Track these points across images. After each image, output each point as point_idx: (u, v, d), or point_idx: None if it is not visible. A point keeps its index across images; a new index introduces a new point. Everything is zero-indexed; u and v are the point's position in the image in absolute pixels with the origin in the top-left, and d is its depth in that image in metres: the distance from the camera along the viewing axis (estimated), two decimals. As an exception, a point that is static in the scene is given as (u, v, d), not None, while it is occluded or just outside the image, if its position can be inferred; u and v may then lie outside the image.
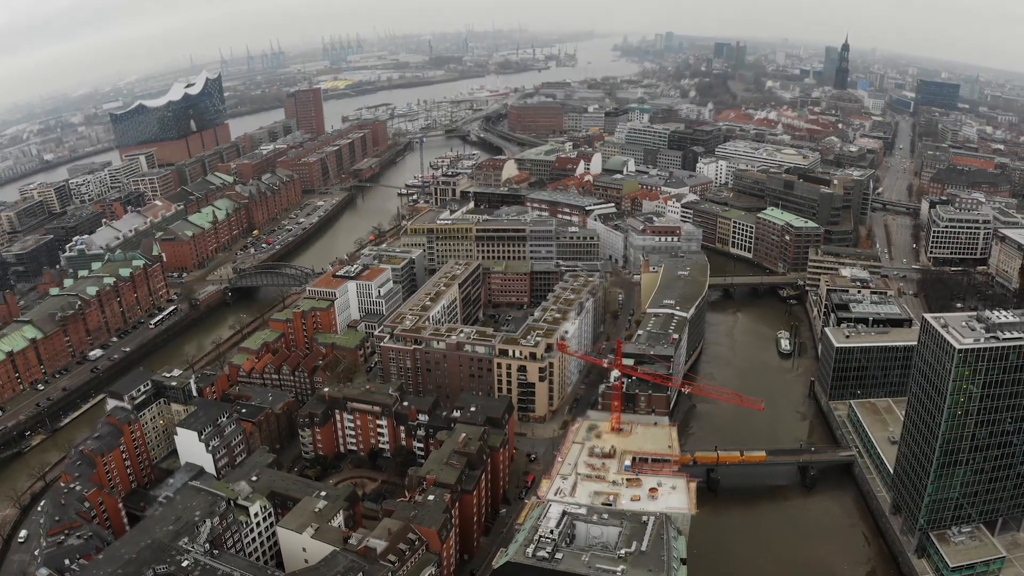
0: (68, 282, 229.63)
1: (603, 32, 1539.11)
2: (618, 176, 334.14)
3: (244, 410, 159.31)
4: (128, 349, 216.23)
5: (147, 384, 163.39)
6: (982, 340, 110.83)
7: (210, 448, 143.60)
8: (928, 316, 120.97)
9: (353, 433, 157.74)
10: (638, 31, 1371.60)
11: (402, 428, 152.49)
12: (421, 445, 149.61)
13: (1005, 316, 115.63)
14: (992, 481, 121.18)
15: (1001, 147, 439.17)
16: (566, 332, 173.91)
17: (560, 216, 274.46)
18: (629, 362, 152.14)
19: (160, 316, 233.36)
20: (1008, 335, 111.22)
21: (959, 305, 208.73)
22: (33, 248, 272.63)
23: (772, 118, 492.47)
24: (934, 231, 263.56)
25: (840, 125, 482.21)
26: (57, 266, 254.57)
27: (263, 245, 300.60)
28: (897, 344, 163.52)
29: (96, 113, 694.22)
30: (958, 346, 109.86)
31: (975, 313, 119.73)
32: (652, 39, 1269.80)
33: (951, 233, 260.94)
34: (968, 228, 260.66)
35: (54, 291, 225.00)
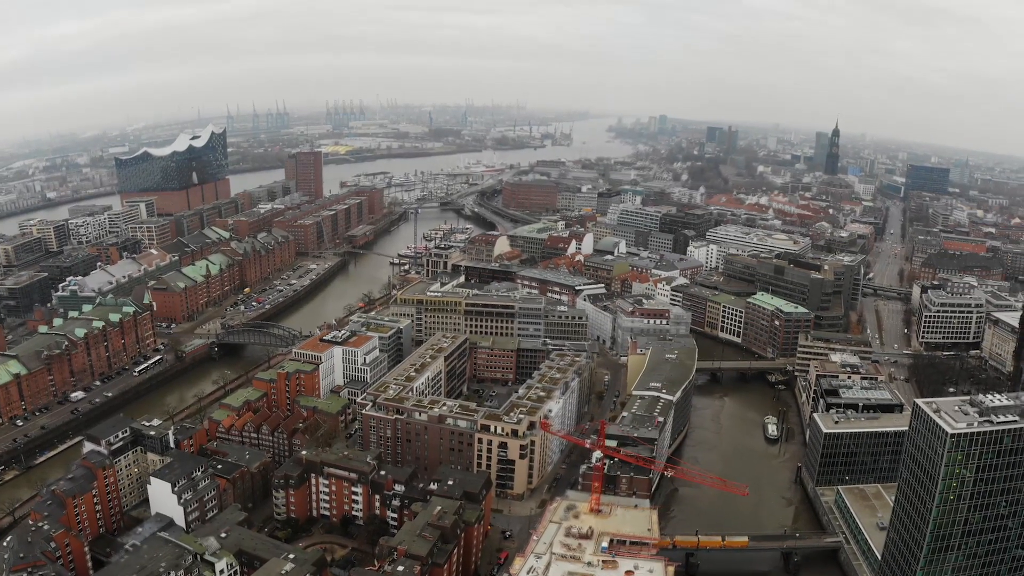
0: (58, 321, 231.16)
1: (598, 113, 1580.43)
2: (609, 257, 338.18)
3: (220, 466, 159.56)
4: (110, 394, 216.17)
5: (125, 431, 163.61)
6: (975, 424, 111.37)
7: (182, 501, 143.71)
8: (920, 401, 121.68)
9: (327, 498, 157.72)
10: (632, 113, 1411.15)
11: (377, 497, 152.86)
12: (395, 515, 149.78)
13: (999, 400, 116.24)
14: (985, 566, 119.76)
15: (992, 230, 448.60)
16: (550, 411, 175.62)
17: (550, 294, 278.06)
18: (612, 443, 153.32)
19: (145, 364, 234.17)
20: (1002, 419, 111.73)
21: (951, 389, 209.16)
22: (26, 284, 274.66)
23: (763, 203, 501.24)
24: (926, 316, 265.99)
25: (831, 210, 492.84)
26: (48, 304, 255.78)
27: (253, 303, 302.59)
28: (887, 430, 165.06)
29: (102, 156, 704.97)
30: (950, 431, 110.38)
31: (968, 397, 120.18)
32: (646, 121, 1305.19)
33: (943, 317, 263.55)
34: (960, 312, 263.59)
35: (43, 329, 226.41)
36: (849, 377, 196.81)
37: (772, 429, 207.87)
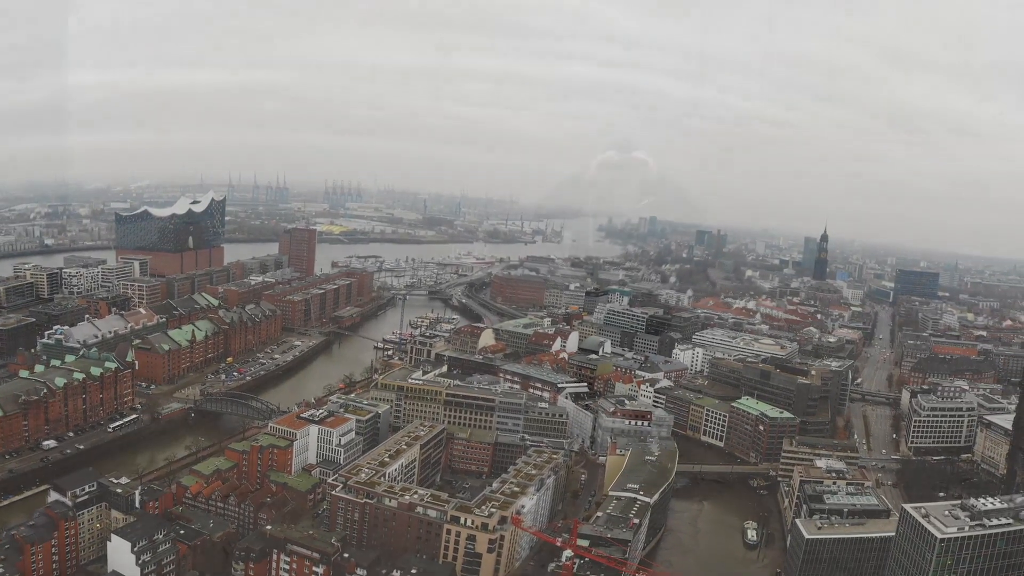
0: (39, 368, 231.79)
1: (590, 211, 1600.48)
2: (593, 356, 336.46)
3: (183, 531, 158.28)
4: (82, 447, 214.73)
5: (92, 485, 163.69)
6: (966, 528, 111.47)
7: (140, 561, 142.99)
8: (908, 506, 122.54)
9: (287, 575, 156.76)
10: (623, 213, 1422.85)
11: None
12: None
13: (991, 503, 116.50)
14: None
15: (984, 333, 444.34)
16: (523, 506, 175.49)
17: (531, 390, 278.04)
18: (584, 543, 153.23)
19: (120, 422, 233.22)
20: (995, 522, 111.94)
21: (942, 494, 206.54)
22: (13, 327, 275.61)
23: (751, 307, 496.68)
24: (915, 421, 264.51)
25: (819, 316, 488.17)
26: (32, 350, 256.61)
27: (235, 373, 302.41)
28: (873, 536, 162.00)
29: (103, 209, 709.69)
30: (939, 536, 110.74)
31: (959, 501, 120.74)
32: (636, 223, 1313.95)
33: (933, 422, 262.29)
34: (951, 416, 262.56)
35: (24, 373, 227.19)
36: (834, 482, 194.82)
37: (752, 534, 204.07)
